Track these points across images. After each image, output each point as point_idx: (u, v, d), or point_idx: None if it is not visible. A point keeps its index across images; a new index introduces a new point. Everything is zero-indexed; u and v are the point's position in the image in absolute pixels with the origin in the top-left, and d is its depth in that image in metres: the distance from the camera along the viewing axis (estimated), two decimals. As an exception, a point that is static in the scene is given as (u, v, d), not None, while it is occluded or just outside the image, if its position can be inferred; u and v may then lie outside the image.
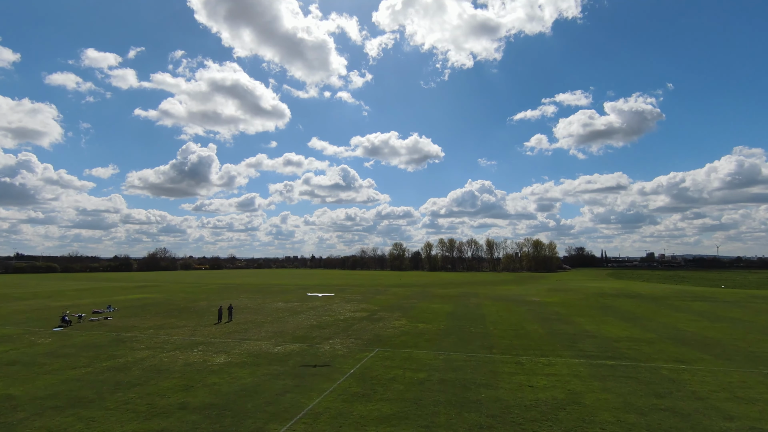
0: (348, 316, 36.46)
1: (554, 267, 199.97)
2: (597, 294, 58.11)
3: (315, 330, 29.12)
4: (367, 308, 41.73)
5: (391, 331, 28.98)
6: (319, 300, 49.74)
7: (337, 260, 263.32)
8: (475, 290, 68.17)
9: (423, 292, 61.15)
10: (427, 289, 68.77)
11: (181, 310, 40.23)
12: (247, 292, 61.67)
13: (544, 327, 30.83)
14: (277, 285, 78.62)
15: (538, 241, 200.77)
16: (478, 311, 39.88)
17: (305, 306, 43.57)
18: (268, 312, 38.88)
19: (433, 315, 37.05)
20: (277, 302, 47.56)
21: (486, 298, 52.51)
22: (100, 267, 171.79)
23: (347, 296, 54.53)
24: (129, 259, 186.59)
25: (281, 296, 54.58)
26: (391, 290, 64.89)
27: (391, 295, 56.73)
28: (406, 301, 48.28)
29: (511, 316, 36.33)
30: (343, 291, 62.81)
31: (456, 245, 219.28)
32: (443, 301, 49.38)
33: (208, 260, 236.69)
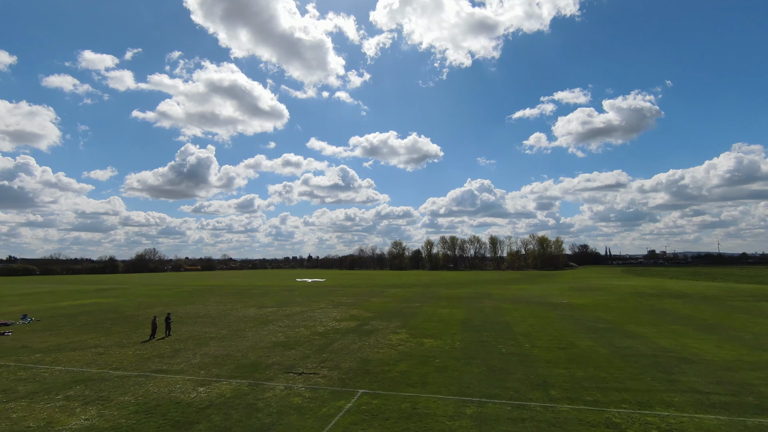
0: (330, 327, 27.62)
1: (561, 265, 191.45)
2: (634, 294, 49.12)
3: (276, 351, 20.31)
4: (357, 315, 32.94)
5: (385, 352, 20.16)
6: (299, 305, 40.97)
7: (335, 260, 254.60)
8: (485, 290, 59.50)
9: (426, 293, 52.43)
10: (431, 290, 60.10)
11: (118, 321, 31.34)
12: (222, 295, 52.96)
13: (601, 342, 22.06)
14: (262, 287, 69.90)
15: (544, 237, 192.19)
16: (499, 318, 31.08)
17: (280, 313, 34.72)
18: (230, 322, 30.11)
19: (443, 324, 28.25)
20: (249, 307, 38.81)
21: (503, 300, 43.85)
22: (82, 269, 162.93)
23: (337, 299, 45.78)
24: (114, 261, 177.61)
25: (258, 300, 45.82)
26: (389, 291, 56.14)
27: (389, 297, 48.01)
28: (406, 305, 39.49)
29: (545, 325, 27.54)
30: (334, 293, 54.10)
31: (458, 243, 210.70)
32: (452, 304, 40.64)
33: (200, 261, 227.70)
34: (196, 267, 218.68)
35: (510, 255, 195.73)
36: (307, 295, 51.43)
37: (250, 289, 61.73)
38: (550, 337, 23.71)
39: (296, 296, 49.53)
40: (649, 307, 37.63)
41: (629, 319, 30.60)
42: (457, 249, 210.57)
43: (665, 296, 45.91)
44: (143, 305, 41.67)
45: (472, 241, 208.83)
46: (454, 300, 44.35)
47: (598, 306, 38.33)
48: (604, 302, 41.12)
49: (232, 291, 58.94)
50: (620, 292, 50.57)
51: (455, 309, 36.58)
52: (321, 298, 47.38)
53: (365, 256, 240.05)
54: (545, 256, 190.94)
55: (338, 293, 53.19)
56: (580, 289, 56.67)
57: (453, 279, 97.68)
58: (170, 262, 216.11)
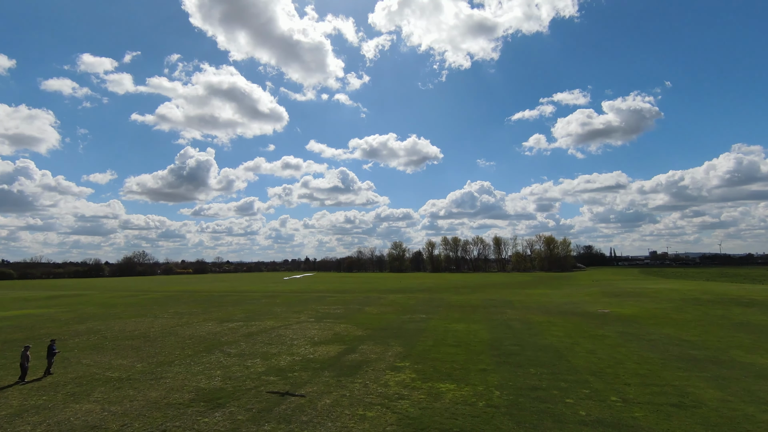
0: (301, 356, 18.88)
1: (568, 266, 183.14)
2: (689, 301, 39.76)
3: (188, 414, 11.66)
4: (344, 334, 24.29)
5: (375, 414, 11.44)
6: (273, 317, 32.28)
7: (333, 262, 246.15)
8: (500, 295, 51.10)
9: (432, 301, 43.95)
10: (437, 296, 51.67)
11: (13, 345, 22.90)
12: (189, 303, 44.46)
13: (732, 389, 13.47)
14: (242, 292, 61.49)
15: (550, 238, 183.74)
16: (538, 339, 22.40)
17: (242, 330, 25.82)
18: (165, 346, 21.40)
19: (464, 351, 19.46)
20: (209, 322, 30.25)
21: (528, 310, 35.37)
22: (65, 273, 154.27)
23: (324, 308, 37.19)
24: (100, 265, 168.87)
25: (227, 310, 37.24)
26: (387, 298, 47.66)
27: (388, 305, 39.53)
28: (409, 318, 30.85)
29: (612, 353, 18.91)
30: (322, 300, 45.64)
31: (460, 244, 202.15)
32: (467, 316, 32.05)
33: (193, 264, 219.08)
34: (188, 270, 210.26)
35: (515, 256, 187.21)
36: (290, 302, 42.97)
37: (226, 296, 53.24)
38: (635, 376, 15.11)
39: (275, 304, 41.09)
40: (725, 319, 28.98)
41: (718, 338, 22.14)
42: (460, 250, 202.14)
43: (730, 303, 37.14)
44: (80, 318, 33.15)
45: (476, 242, 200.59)
46: (468, 310, 35.88)
47: (654, 318, 29.89)
48: (658, 312, 32.64)
49: (205, 298, 50.44)
50: (669, 298, 41.91)
51: (474, 324, 28.05)
52: (305, 306, 38.94)
53: (364, 259, 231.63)
54: (552, 258, 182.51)
55: (328, 300, 44.72)
56: (614, 295, 48.13)
57: (459, 282, 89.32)
58: (160, 265, 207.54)
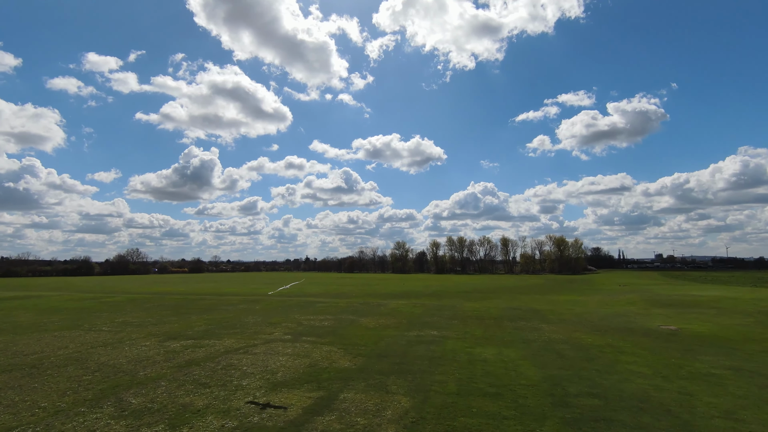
0: (239, 418, 10.23)
1: (579, 268, 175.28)
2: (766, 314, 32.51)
3: None
4: (323, 365, 15.90)
5: None
6: (238, 333, 24.55)
7: (333, 262, 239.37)
8: (522, 302, 43.44)
9: (442, 310, 36.23)
10: (447, 303, 44.06)
11: None
12: (149, 309, 36.78)
13: None
14: (221, 295, 54.14)
15: (561, 239, 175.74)
16: (618, 381, 13.85)
17: (181, 357, 17.55)
18: (49, 385, 12.90)
19: (512, 409, 10.78)
20: (149, 339, 22.39)
21: (569, 325, 27.57)
22: (52, 271, 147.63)
23: (308, 319, 29.10)
24: (89, 262, 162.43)
25: (187, 320, 29.16)
26: (389, 305, 39.93)
27: (389, 316, 31.82)
28: (416, 337, 22.68)
29: (760, 414, 10.82)
30: (310, 307, 38.13)
31: (466, 244, 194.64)
32: (491, 333, 23.97)
33: (189, 263, 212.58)
34: (183, 269, 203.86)
35: (523, 258, 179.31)
36: (270, 310, 35.41)
37: (202, 299, 45.76)
38: None
39: (252, 312, 33.53)
40: None
41: None
42: (466, 251, 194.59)
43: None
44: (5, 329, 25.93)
45: (482, 242, 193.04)
46: (491, 323, 28.17)
47: (752, 340, 22.12)
48: (747, 331, 24.69)
49: (176, 302, 42.90)
50: (740, 310, 33.45)
51: (506, 347, 20.19)
52: (286, 315, 31.30)
53: (366, 259, 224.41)
54: (563, 259, 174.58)
55: (317, 307, 37.13)
56: (664, 305, 40.19)
57: (468, 285, 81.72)
58: (156, 263, 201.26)
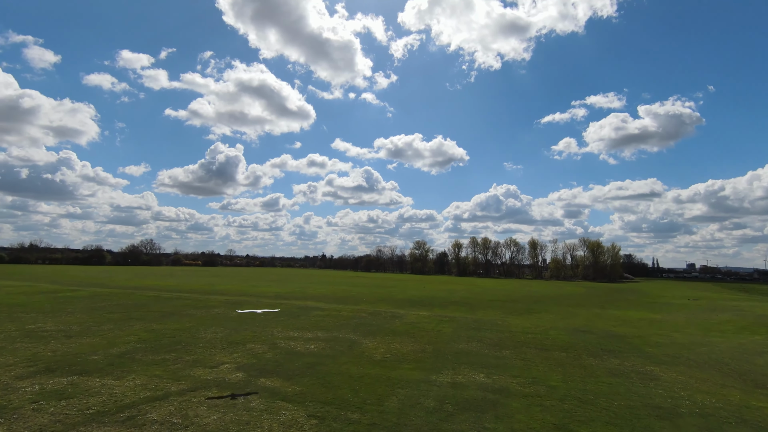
0: None
1: (616, 276, 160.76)
2: None
3: None
4: None
5: None
6: (147, 372, 14.61)
7: (350, 260, 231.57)
8: (585, 321, 32.90)
9: (480, 326, 25.95)
10: (483, 315, 33.97)
11: None
12: (90, 311, 28.44)
13: None
14: (205, 294, 45.72)
15: (597, 243, 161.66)
16: None
17: (31, 418, 8.38)
18: None
19: None
20: (2, 375, 13.94)
21: (696, 370, 16.38)
22: (63, 259, 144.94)
23: (288, 342, 19.54)
24: (101, 251, 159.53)
25: (123, 329, 20.14)
26: (407, 317, 29.98)
27: (406, 337, 21.72)
28: (451, 386, 11.52)
29: None
30: (302, 318, 28.73)
31: (491, 246, 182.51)
32: (579, 385, 12.52)
33: (202, 256, 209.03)
34: (196, 262, 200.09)
35: (554, 262, 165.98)
36: (246, 318, 26.26)
37: (174, 299, 37.02)
38: None
39: (220, 321, 24.38)
40: None
41: None
42: (490, 253, 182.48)
43: None
44: None
45: (508, 244, 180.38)
46: (563, 359, 17.32)
47: None
48: None
49: (137, 301, 34.37)
50: None
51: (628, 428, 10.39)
52: (259, 331, 21.88)
53: (384, 258, 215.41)
54: (598, 266, 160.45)
55: (311, 318, 27.63)
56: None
57: (500, 292, 71.05)
58: (168, 256, 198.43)
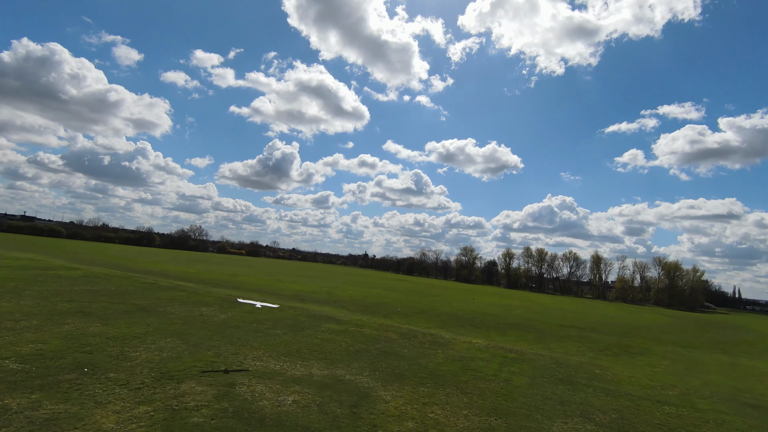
0: None
1: (697, 305, 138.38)
2: None
3: None
4: None
5: None
6: None
7: (392, 262, 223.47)
8: (733, 378, 21.81)
9: (570, 375, 16.00)
10: (563, 353, 23.75)
11: None
12: (58, 294, 22.64)
13: None
14: (215, 284, 39.37)
15: (676, 265, 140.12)
16: None
17: None
18: None
19: None
20: None
21: None
22: (116, 238, 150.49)
23: (256, 386, 12.29)
24: (152, 233, 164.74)
25: (50, 330, 14.07)
26: (454, 344, 20.94)
27: (452, 383, 12.64)
28: None
29: None
30: (312, 328, 20.83)
31: (547, 258, 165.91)
32: None
33: (246, 246, 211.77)
34: (241, 251, 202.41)
35: (621, 281, 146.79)
36: (229, 325, 18.85)
37: (169, 288, 30.90)
38: None
39: (195, 326, 17.23)
40: None
41: None
42: (545, 266, 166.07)
43: None
44: None
45: (567, 257, 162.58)
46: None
47: None
48: None
49: (145, 286, 28.47)
50: None
51: None
52: (236, 351, 14.17)
53: (428, 262, 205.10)
54: (675, 290, 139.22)
55: (317, 333, 19.54)
56: None
57: (569, 314, 59.10)
58: (216, 243, 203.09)
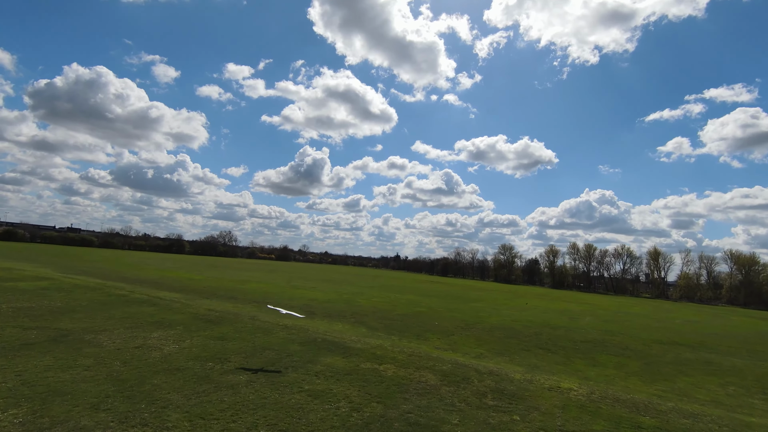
0: None
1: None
2: None
3: None
4: None
5: None
6: None
7: (425, 263, 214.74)
8: None
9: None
10: (712, 411, 15.23)
11: None
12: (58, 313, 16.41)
13: None
14: (225, 294, 32.70)
15: (752, 258, 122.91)
16: None
17: None
18: None
19: None
20: None
21: None
22: (146, 245, 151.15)
23: None
24: (181, 240, 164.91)
25: None
26: (532, 392, 12.71)
27: None
28: None
29: None
30: (302, 367, 13.17)
31: (595, 255, 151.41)
32: None
33: (275, 250, 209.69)
34: (270, 256, 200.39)
35: (685, 278, 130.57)
36: (179, 362, 11.71)
37: (154, 303, 24.44)
38: None
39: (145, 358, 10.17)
40: None
41: None
42: (595, 262, 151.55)
43: None
44: None
45: (620, 253, 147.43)
46: None
47: None
48: None
49: (79, 307, 22.26)
50: None
51: None
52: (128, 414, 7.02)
53: (463, 262, 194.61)
54: (752, 288, 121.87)
55: (306, 386, 11.70)
56: None
57: (654, 324, 47.91)
58: (246, 249, 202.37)
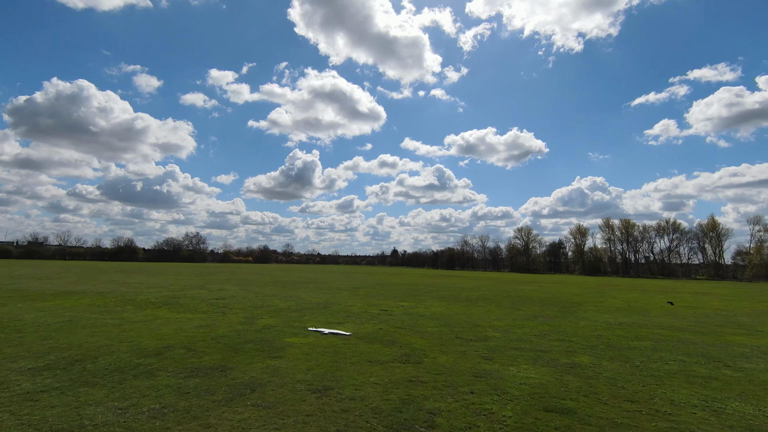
0: None
1: None
2: None
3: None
4: None
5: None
6: None
7: (427, 256, 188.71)
8: None
9: None
10: None
11: None
12: None
13: None
14: None
15: None
16: None
17: None
18: None
19: None
20: None
21: None
22: (85, 254, 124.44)
23: None
24: (132, 246, 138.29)
25: None
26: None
27: None
28: None
29: None
30: None
31: (634, 233, 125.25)
32: None
33: (252, 252, 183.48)
34: (247, 258, 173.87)
35: (757, 253, 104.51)
36: None
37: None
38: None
39: None
40: None
41: None
42: (632, 243, 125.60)
43: None
44: None
45: (664, 228, 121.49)
46: None
47: None
48: None
49: None
50: None
51: None
52: None
53: (470, 252, 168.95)
54: None
55: None
56: None
57: None
58: (215, 254, 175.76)
